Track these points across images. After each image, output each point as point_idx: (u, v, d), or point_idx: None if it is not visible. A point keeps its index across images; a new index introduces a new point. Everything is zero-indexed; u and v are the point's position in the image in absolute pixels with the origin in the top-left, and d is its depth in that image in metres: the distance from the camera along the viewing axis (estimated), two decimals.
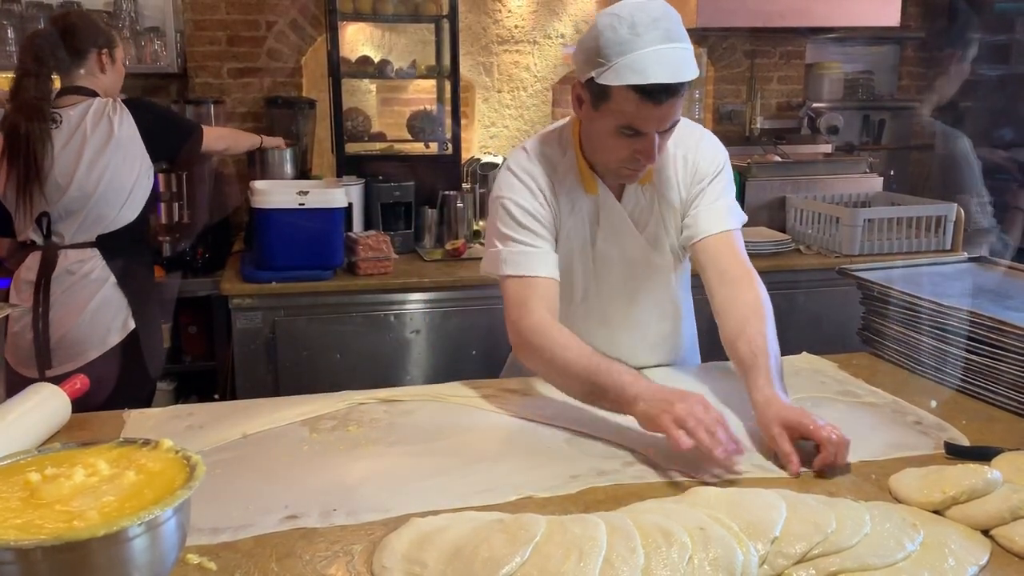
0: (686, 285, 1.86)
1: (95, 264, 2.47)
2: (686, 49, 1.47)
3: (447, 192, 3.42)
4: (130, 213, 2.52)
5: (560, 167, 1.66)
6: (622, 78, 1.43)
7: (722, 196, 1.69)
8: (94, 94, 2.50)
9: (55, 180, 2.40)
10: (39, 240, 2.46)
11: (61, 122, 2.41)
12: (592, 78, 1.48)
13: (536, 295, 1.58)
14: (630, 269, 1.73)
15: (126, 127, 2.48)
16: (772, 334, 1.53)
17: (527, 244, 1.62)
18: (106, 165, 2.43)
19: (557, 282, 1.62)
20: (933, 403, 1.57)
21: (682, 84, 1.46)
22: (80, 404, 1.53)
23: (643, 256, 1.72)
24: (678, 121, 1.54)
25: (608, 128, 1.53)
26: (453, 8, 3.43)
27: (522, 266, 1.60)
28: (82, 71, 2.49)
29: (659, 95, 1.44)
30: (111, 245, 2.49)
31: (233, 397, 2.88)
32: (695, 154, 1.68)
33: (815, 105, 4.10)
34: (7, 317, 1.58)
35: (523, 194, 1.63)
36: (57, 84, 2.49)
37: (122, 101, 2.52)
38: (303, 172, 3.50)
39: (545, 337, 1.53)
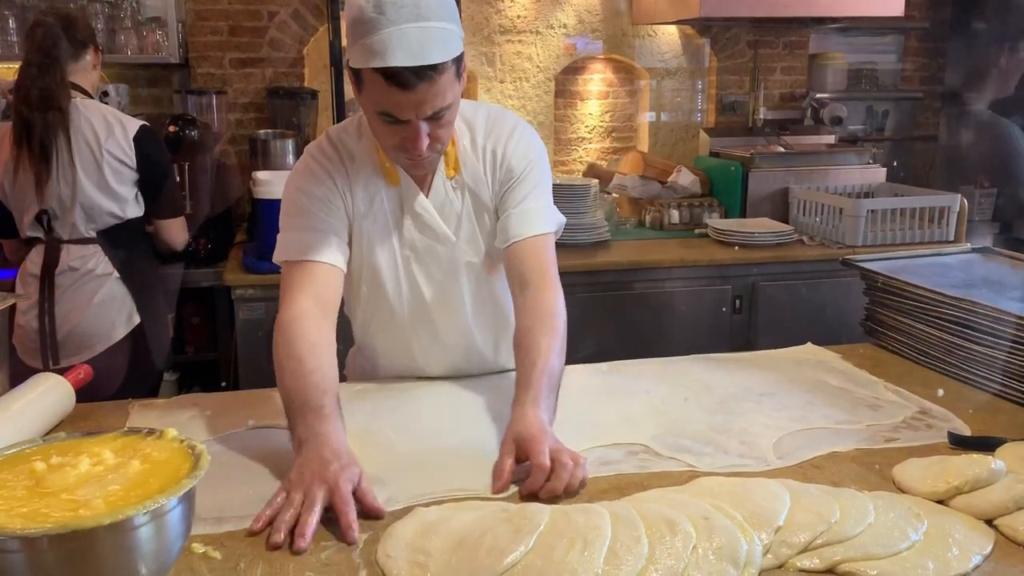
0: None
1: (98, 260, 2.45)
2: (438, 28, 1.33)
3: None
4: (130, 211, 2.49)
5: (357, 155, 1.54)
6: (365, 60, 1.32)
7: (530, 197, 1.56)
8: (86, 93, 2.47)
9: (53, 176, 2.37)
10: (42, 236, 2.44)
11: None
12: (349, 61, 1.38)
13: (306, 281, 1.46)
14: (442, 265, 1.60)
15: (124, 144, 2.44)
16: (557, 348, 1.44)
17: (307, 229, 1.50)
18: (98, 169, 2.40)
19: (340, 270, 1.51)
20: (940, 392, 1.57)
21: (433, 67, 1.32)
22: (87, 397, 1.53)
23: (453, 253, 1.59)
24: (448, 107, 1.39)
25: (372, 114, 1.41)
26: None
27: (295, 251, 1.48)
28: (79, 66, 2.45)
29: (404, 79, 1.31)
30: (113, 240, 2.47)
31: (236, 387, 2.89)
32: (505, 148, 1.56)
33: (818, 96, 4.08)
34: (11, 307, 1.57)
35: (312, 181, 1.52)
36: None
37: (141, 126, 2.49)
38: None
39: (286, 334, 1.39)
